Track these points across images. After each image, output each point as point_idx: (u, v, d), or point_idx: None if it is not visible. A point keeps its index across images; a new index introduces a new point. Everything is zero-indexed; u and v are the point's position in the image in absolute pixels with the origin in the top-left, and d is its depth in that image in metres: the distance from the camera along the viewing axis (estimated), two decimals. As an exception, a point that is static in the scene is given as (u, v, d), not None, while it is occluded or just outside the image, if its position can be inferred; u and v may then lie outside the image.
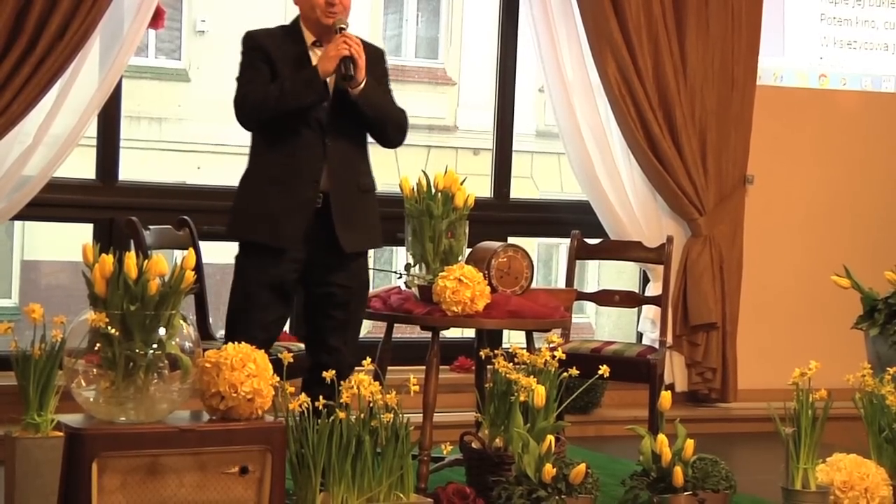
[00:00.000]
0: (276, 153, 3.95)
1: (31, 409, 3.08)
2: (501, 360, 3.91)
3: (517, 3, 5.69)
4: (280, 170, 3.94)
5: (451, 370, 5.45)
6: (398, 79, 12.34)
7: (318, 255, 3.96)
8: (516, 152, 5.93)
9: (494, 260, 4.31)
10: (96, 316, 3.14)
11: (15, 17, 4.52)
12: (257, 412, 3.33)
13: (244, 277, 4.01)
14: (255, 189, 3.99)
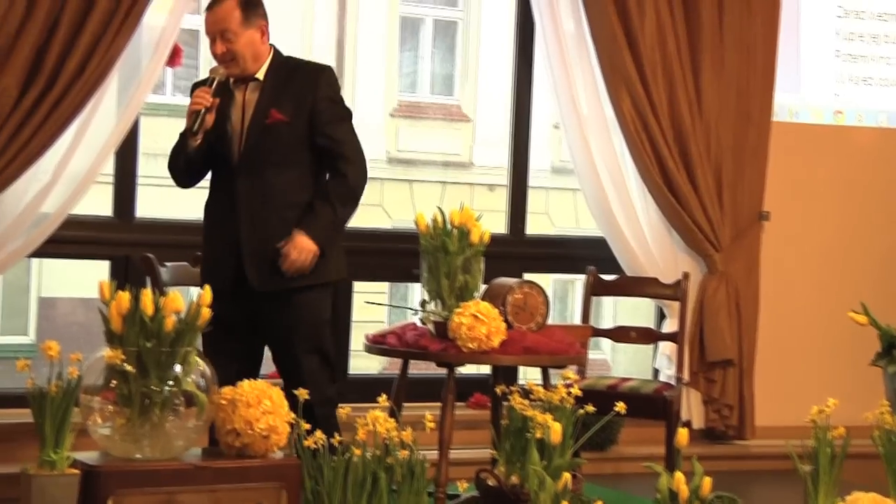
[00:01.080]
0: (210, 197, 4.07)
1: (48, 446, 3.08)
2: (517, 397, 3.89)
3: (532, 39, 5.71)
4: (210, 213, 4.05)
5: (467, 407, 5.43)
6: (414, 115, 12.40)
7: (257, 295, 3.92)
8: (532, 188, 5.93)
9: (510, 296, 4.30)
10: (112, 353, 3.15)
11: (34, 55, 4.56)
12: (273, 449, 3.33)
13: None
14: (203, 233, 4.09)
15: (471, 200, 11.08)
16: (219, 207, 4.00)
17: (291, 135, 3.94)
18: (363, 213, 13.96)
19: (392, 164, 12.27)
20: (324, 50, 11.94)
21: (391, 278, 7.29)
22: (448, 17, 12.54)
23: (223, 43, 3.93)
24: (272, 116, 3.93)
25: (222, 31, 3.92)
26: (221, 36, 3.93)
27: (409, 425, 3.46)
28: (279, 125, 3.93)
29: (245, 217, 3.93)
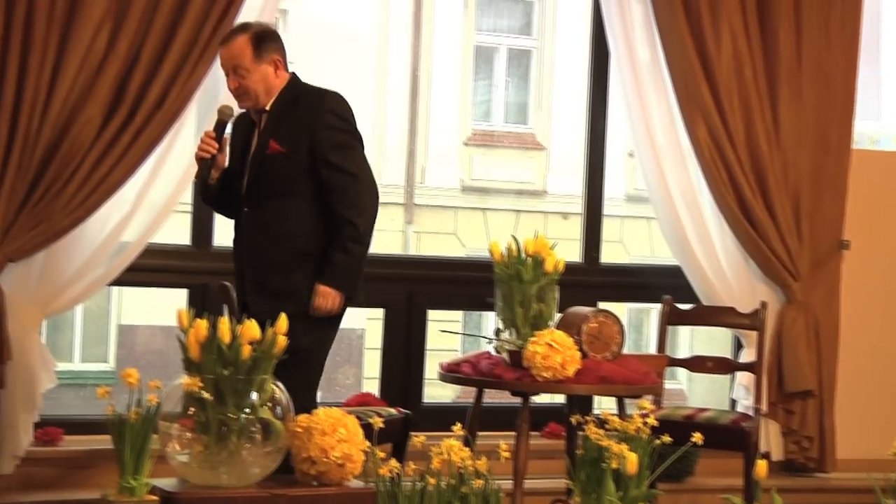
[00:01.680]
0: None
1: (127, 472, 3.12)
2: (592, 427, 3.87)
3: (607, 67, 5.70)
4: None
5: (542, 436, 5.40)
6: (488, 144, 12.43)
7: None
8: (606, 216, 5.90)
9: (585, 325, 4.28)
10: (190, 380, 3.18)
11: (116, 87, 4.64)
12: (348, 477, 3.34)
13: None
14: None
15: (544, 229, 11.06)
16: (234, 237, 4.14)
17: (290, 165, 3.96)
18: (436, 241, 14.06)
19: (466, 192, 12.30)
20: (398, 80, 12.03)
21: (465, 307, 7.29)
22: (522, 45, 12.57)
23: (236, 78, 3.98)
24: (271, 148, 3.98)
25: (234, 67, 3.98)
26: (234, 71, 3.98)
27: (483, 454, 3.45)
28: (277, 156, 3.97)
29: (246, 247, 4.04)
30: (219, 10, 4.73)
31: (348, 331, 11.62)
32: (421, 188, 12.17)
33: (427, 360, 5.54)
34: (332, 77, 12.32)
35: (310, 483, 3.34)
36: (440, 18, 12.13)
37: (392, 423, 4.28)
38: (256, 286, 4.00)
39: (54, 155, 4.58)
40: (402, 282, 5.51)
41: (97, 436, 4.50)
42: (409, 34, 12.04)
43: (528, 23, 12.53)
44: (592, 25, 5.75)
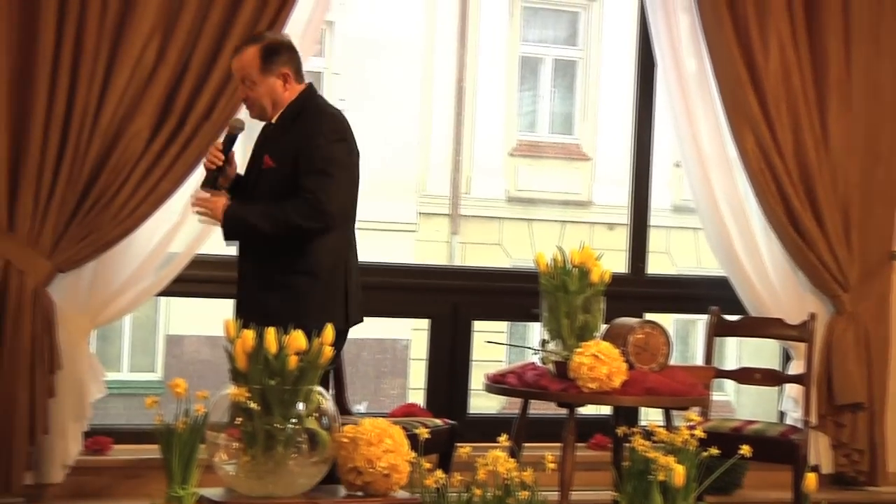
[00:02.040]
0: None
1: (175, 482, 3.14)
2: (639, 438, 3.84)
3: (653, 77, 5.68)
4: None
5: (588, 447, 5.38)
6: (533, 154, 12.43)
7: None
8: (653, 227, 5.88)
9: (631, 336, 4.27)
10: (237, 390, 3.19)
11: (165, 99, 4.69)
12: (394, 487, 3.34)
13: None
14: None
15: (590, 239, 11.05)
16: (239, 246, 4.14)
17: (278, 180, 3.96)
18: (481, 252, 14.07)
19: (511, 203, 12.30)
20: (443, 90, 12.06)
21: (510, 318, 7.28)
22: (568, 56, 12.56)
23: (244, 88, 4.02)
24: (265, 162, 4.01)
25: (243, 78, 4.01)
26: (243, 82, 4.02)
27: (529, 466, 3.44)
28: (268, 171, 3.99)
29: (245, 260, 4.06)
30: (266, 21, 4.76)
31: (393, 341, 11.65)
32: (466, 199, 12.18)
33: (472, 371, 5.54)
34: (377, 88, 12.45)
35: (356, 493, 3.35)
36: (485, 29, 12.15)
37: (438, 434, 4.28)
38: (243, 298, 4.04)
39: (104, 166, 4.64)
40: (447, 293, 5.51)
41: (145, 445, 4.54)
42: (454, 45, 12.07)
43: (574, 33, 12.52)
44: (639, 36, 5.73)
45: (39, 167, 4.55)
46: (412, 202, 12.01)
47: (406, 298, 5.50)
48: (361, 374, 11.30)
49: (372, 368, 11.68)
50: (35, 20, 4.55)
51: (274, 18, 4.78)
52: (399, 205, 11.75)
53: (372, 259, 4.80)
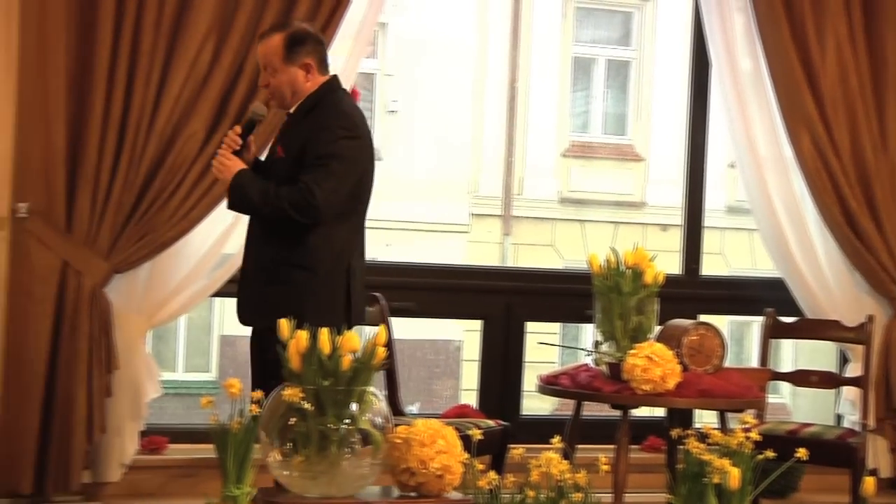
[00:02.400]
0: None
1: (230, 481, 3.16)
2: (693, 441, 3.82)
3: (707, 77, 5.64)
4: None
5: (642, 449, 5.35)
6: (586, 155, 12.38)
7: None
8: (707, 228, 5.84)
9: (685, 338, 4.24)
10: (291, 391, 3.21)
11: (220, 100, 4.72)
12: (447, 488, 3.34)
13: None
14: None
15: (643, 240, 10.98)
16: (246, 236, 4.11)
17: (286, 170, 3.89)
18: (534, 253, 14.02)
19: (564, 204, 12.27)
20: (496, 91, 12.06)
21: (563, 319, 7.26)
22: (621, 56, 12.51)
23: (266, 75, 3.96)
24: (277, 153, 3.99)
25: (265, 64, 3.95)
26: (265, 68, 3.96)
27: (582, 467, 3.43)
28: (279, 161, 3.95)
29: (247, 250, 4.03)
30: (320, 23, 4.78)
31: (446, 342, 11.67)
32: (519, 200, 12.17)
33: (525, 372, 5.53)
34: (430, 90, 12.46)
35: (409, 494, 3.35)
36: (538, 30, 12.12)
37: (490, 435, 4.28)
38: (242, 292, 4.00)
39: (159, 168, 4.68)
40: (500, 294, 5.51)
41: (200, 445, 4.58)
42: (507, 46, 12.06)
43: (627, 33, 12.46)
44: (693, 35, 5.69)
45: (96, 169, 4.61)
46: (464, 203, 12.02)
47: (459, 299, 5.50)
48: (414, 375, 11.32)
49: (424, 369, 11.70)
50: (93, 23, 4.60)
51: (328, 19, 4.81)
52: (451, 206, 11.76)
53: (424, 260, 4.82)
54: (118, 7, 4.61)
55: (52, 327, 4.57)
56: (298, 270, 3.87)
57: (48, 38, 4.57)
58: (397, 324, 4.76)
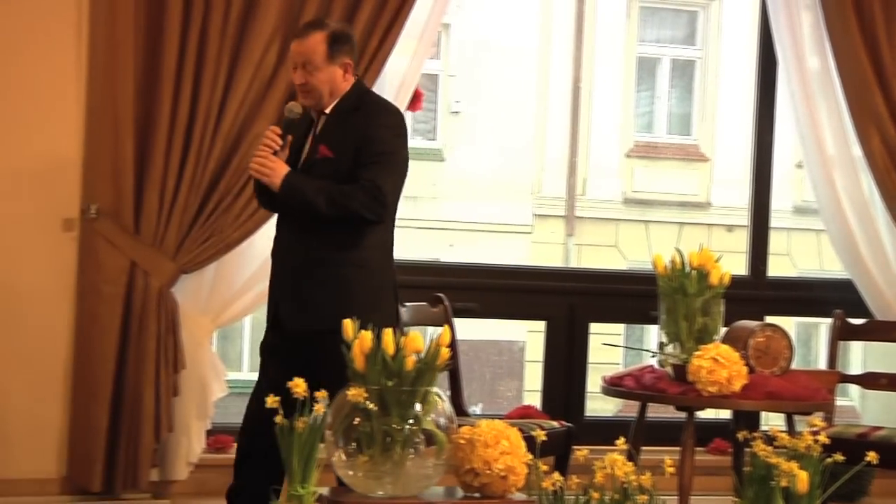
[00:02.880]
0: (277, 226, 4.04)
1: (295, 481, 3.17)
2: (760, 443, 3.77)
3: (775, 76, 5.58)
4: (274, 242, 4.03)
5: (707, 452, 5.31)
6: (650, 156, 12.30)
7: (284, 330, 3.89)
8: (773, 229, 5.78)
9: (752, 339, 4.20)
10: (356, 391, 3.22)
11: (285, 101, 4.73)
12: (511, 489, 3.33)
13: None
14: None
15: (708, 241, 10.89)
16: (277, 238, 3.99)
17: (334, 172, 3.82)
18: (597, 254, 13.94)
19: (628, 204, 12.20)
20: (559, 91, 12.02)
21: (627, 320, 7.23)
22: (686, 56, 12.41)
23: (304, 74, 3.85)
24: (320, 152, 3.86)
25: (305, 63, 3.84)
26: (303, 66, 3.84)
27: (647, 469, 3.40)
28: (324, 161, 3.84)
29: (288, 251, 3.90)
30: (384, 24, 4.81)
31: (509, 343, 11.65)
32: (582, 200, 12.13)
33: (589, 374, 5.51)
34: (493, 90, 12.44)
35: (473, 495, 3.35)
36: (602, 29, 12.07)
37: (554, 436, 4.26)
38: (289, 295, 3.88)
39: (225, 170, 4.73)
40: (563, 294, 5.50)
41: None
42: (570, 46, 12.02)
43: (692, 32, 12.37)
44: (760, 34, 5.64)
45: (163, 171, 4.66)
46: (527, 204, 12.00)
47: (522, 300, 5.50)
48: (477, 376, 11.32)
49: (488, 370, 11.70)
50: (160, 28, 4.66)
51: (392, 21, 4.82)
52: (514, 206, 11.75)
53: (487, 261, 4.81)
54: (185, 12, 4.66)
55: (120, 327, 4.64)
56: (354, 269, 3.85)
57: (117, 43, 4.64)
58: (460, 324, 4.77)
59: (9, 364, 4.68)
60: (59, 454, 4.73)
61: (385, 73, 4.91)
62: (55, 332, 4.72)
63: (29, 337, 4.70)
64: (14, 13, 4.69)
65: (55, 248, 4.72)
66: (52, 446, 4.73)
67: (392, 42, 4.86)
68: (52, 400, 4.73)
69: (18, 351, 4.69)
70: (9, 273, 4.69)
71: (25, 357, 4.69)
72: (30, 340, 4.70)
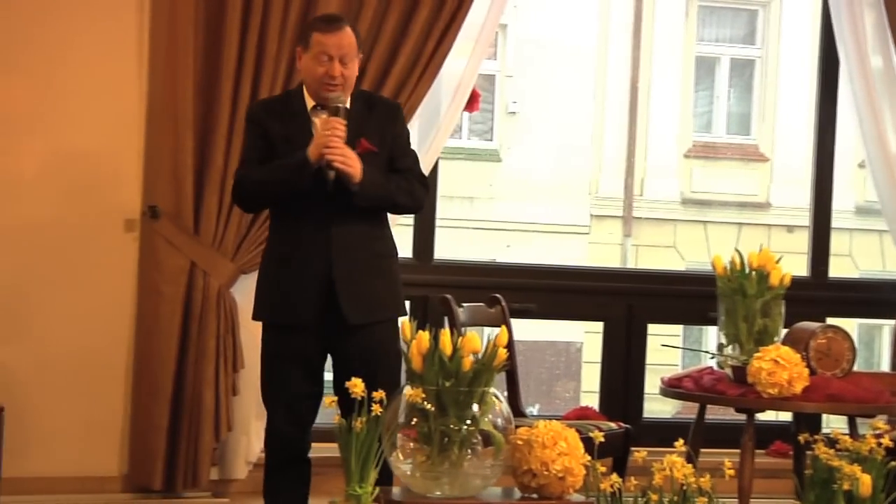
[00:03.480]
0: (285, 230, 3.82)
1: (353, 480, 3.19)
2: (822, 446, 3.73)
3: (836, 75, 5.52)
4: (289, 247, 3.79)
5: (767, 454, 5.26)
6: (709, 156, 12.21)
7: (335, 327, 3.78)
8: (834, 229, 5.71)
9: (813, 341, 4.15)
10: (413, 391, 3.23)
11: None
12: (569, 490, 3.32)
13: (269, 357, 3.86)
14: (268, 269, 3.87)
15: (768, 242, 10.80)
16: (303, 241, 3.78)
17: (378, 164, 3.80)
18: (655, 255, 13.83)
19: (686, 205, 12.12)
20: (617, 91, 11.96)
21: (684, 321, 7.18)
22: (746, 55, 12.31)
23: (341, 66, 3.77)
24: (362, 146, 3.78)
25: (343, 55, 3.78)
26: (341, 59, 3.77)
27: (706, 472, 3.38)
28: (368, 155, 3.78)
29: (339, 247, 3.76)
30: (442, 24, 4.82)
31: (567, 344, 11.62)
32: (640, 201, 12.06)
33: (647, 375, 5.48)
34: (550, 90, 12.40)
35: (530, 496, 3.35)
36: (660, 28, 12.00)
37: (612, 438, 4.24)
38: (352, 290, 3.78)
39: (284, 170, 4.75)
40: (621, 295, 5.47)
41: (324, 444, 4.63)
42: (628, 45, 11.96)
43: (752, 31, 12.25)
44: (821, 33, 5.58)
45: (223, 172, 4.70)
46: (585, 204, 11.96)
47: (579, 301, 5.48)
48: (534, 377, 11.30)
49: (545, 371, 11.67)
50: (220, 29, 4.69)
51: (449, 21, 4.83)
52: (571, 207, 11.72)
53: (545, 261, 4.80)
54: (244, 13, 4.70)
55: (180, 327, 4.68)
56: (392, 261, 3.90)
57: (177, 44, 4.68)
58: (518, 325, 4.76)
59: (71, 363, 4.74)
60: (121, 452, 4.79)
61: (441, 74, 4.92)
62: (116, 332, 4.77)
63: (91, 336, 4.76)
64: (76, 15, 4.75)
65: (117, 249, 4.78)
66: (113, 445, 4.79)
67: (449, 44, 4.86)
68: (113, 399, 4.78)
69: (81, 350, 4.75)
70: (72, 274, 4.75)
71: (87, 356, 4.75)
72: (92, 340, 4.76)
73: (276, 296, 3.83)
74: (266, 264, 3.90)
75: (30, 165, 4.74)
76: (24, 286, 4.72)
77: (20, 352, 4.71)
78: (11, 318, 4.71)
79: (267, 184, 3.76)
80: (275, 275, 3.83)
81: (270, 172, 3.75)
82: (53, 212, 4.74)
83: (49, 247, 4.73)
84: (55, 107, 4.73)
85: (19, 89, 4.72)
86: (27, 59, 4.72)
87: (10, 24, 4.69)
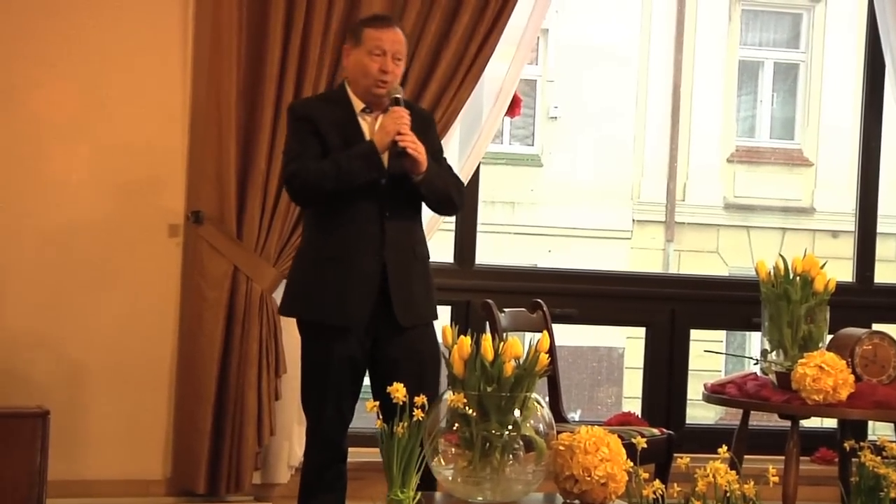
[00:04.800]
0: (334, 228, 3.77)
1: (395, 485, 3.18)
2: (868, 453, 3.69)
3: (882, 79, 5.47)
4: (339, 245, 3.76)
5: (812, 461, 5.22)
6: (752, 160, 12.12)
7: (382, 328, 3.79)
8: (880, 234, 5.66)
9: (859, 347, 4.11)
10: (455, 396, 3.23)
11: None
12: (611, 497, 3.31)
13: (311, 357, 3.86)
14: (313, 267, 3.81)
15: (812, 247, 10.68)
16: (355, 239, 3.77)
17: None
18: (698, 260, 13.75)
19: (729, 209, 12.04)
20: (659, 95, 11.91)
21: (728, 326, 7.14)
22: (789, 59, 12.21)
23: (392, 64, 3.79)
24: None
25: (396, 53, 3.79)
26: (394, 57, 3.79)
27: (750, 478, 3.35)
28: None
29: (391, 244, 3.77)
30: (484, 29, 4.82)
31: (609, 349, 11.58)
32: (682, 206, 12.00)
33: (690, 381, 5.45)
34: (592, 95, 12.37)
35: (572, 502, 3.34)
36: (703, 33, 11.93)
37: (655, 444, 4.22)
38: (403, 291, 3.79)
39: (326, 176, 4.76)
40: (663, 300, 5.45)
41: (366, 448, 4.64)
42: (670, 49, 11.90)
43: (796, 35, 12.16)
44: (867, 36, 5.53)
45: (265, 178, 4.72)
46: (627, 209, 11.91)
47: (621, 306, 5.46)
48: (576, 382, 11.26)
49: (587, 376, 11.63)
50: (263, 34, 4.72)
51: (491, 26, 4.83)
52: (613, 212, 11.67)
53: (586, 266, 4.78)
54: (287, 16, 4.72)
55: (223, 331, 4.70)
56: (428, 264, 3.95)
57: (221, 49, 4.71)
58: (559, 330, 4.74)
59: (115, 367, 4.78)
60: (165, 456, 4.82)
61: (483, 79, 4.92)
62: (160, 336, 4.81)
63: (135, 340, 4.79)
64: (121, 21, 4.79)
65: (161, 254, 4.81)
66: (157, 448, 4.82)
67: (491, 48, 4.86)
68: (157, 402, 4.82)
69: (125, 354, 4.79)
70: (117, 278, 4.79)
71: (132, 360, 4.79)
72: (136, 344, 4.79)
73: (325, 295, 3.78)
74: (308, 262, 3.85)
75: (76, 170, 4.78)
76: (70, 290, 4.76)
77: (65, 355, 4.75)
78: (57, 321, 4.75)
79: (329, 175, 3.70)
80: (322, 273, 3.78)
81: (334, 163, 3.71)
82: (98, 216, 4.78)
83: (94, 251, 4.77)
84: (100, 112, 4.78)
85: (65, 95, 4.77)
86: (72, 64, 4.76)
87: (56, 30, 4.74)
